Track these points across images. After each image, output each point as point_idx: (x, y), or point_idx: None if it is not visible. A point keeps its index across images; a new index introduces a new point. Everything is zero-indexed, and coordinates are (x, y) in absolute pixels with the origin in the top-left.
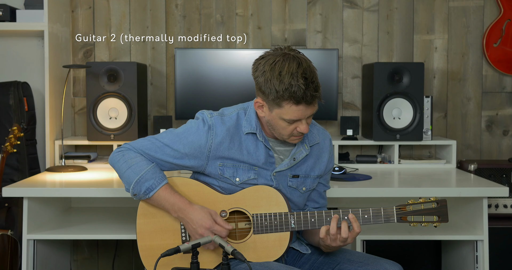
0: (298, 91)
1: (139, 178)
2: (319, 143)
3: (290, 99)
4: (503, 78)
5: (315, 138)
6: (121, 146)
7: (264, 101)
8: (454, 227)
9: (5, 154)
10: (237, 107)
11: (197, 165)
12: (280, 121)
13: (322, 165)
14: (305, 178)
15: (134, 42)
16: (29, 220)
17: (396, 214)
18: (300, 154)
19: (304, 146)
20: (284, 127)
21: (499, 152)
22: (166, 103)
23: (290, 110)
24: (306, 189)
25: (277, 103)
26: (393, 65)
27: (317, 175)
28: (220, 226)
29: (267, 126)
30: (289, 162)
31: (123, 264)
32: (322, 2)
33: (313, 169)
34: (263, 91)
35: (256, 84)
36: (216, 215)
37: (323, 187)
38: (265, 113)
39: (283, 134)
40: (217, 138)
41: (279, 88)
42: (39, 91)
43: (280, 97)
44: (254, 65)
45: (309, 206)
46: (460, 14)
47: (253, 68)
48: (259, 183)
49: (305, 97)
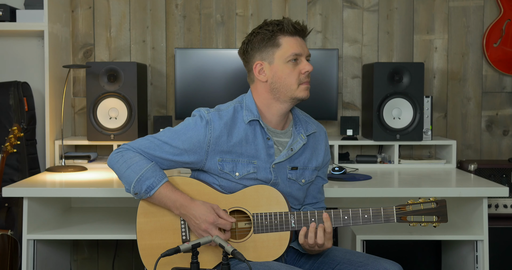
0: (288, 22)
1: (140, 177)
2: (315, 133)
3: (284, 32)
4: (503, 78)
5: (312, 127)
6: (119, 147)
7: (262, 58)
8: (454, 227)
9: (5, 154)
10: (232, 102)
11: (196, 161)
12: (284, 66)
13: (319, 156)
14: (303, 170)
15: (134, 42)
16: (29, 220)
17: (396, 214)
18: (297, 144)
19: (301, 136)
20: (290, 72)
21: (499, 152)
22: (166, 103)
23: (288, 43)
24: (305, 181)
25: (274, 44)
26: (393, 65)
27: (315, 167)
28: (223, 220)
29: (271, 92)
30: (287, 153)
31: (123, 264)
32: (322, 2)
33: (311, 161)
34: (258, 46)
35: (248, 53)
36: (218, 209)
37: (321, 180)
38: (267, 71)
39: (291, 83)
40: (216, 132)
41: (271, 27)
42: (39, 91)
43: (275, 33)
44: (241, 48)
45: (307, 201)
46: (460, 14)
47: (242, 48)
48: (258, 177)
49: (297, 25)
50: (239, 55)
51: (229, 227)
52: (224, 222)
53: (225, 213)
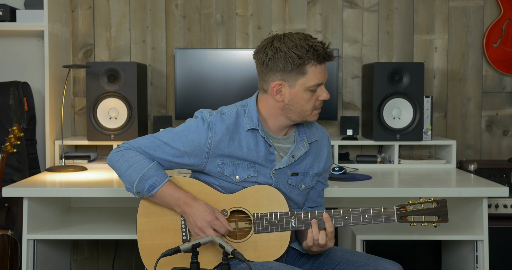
0: (319, 48)
1: (142, 176)
2: (317, 140)
3: (314, 59)
4: (503, 78)
5: (314, 136)
6: (120, 146)
7: (283, 79)
8: (454, 227)
9: (5, 154)
10: (235, 105)
11: (196, 164)
12: (304, 93)
13: (321, 163)
14: (304, 176)
15: (134, 42)
16: (29, 220)
17: (396, 214)
18: (299, 152)
19: (303, 144)
20: (308, 100)
21: (499, 152)
22: (166, 103)
23: (314, 73)
24: (305, 187)
25: (300, 71)
26: (393, 65)
27: (316, 173)
28: (220, 222)
29: (283, 111)
30: (288, 160)
31: (123, 264)
32: (322, 2)
33: (312, 167)
34: (282, 67)
35: (268, 67)
36: (219, 214)
37: (321, 185)
38: (285, 94)
39: (307, 109)
40: (217, 136)
41: (301, 52)
42: (39, 91)
43: (304, 61)
44: (258, 54)
45: (306, 205)
46: (460, 14)
47: (259, 57)
48: (259, 181)
49: (326, 54)
50: (255, 60)
51: (224, 231)
52: (220, 224)
53: (225, 219)
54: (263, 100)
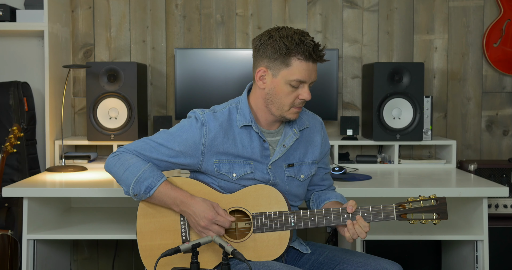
0: (309, 46)
1: (138, 178)
2: (308, 127)
3: (300, 54)
4: (503, 78)
5: (304, 123)
6: (116, 151)
7: (268, 67)
8: (454, 227)
9: (5, 154)
10: (227, 103)
11: (193, 163)
12: (285, 86)
13: (315, 150)
14: (300, 165)
15: (134, 42)
16: (29, 220)
17: (395, 212)
18: (290, 140)
19: (294, 131)
20: (287, 94)
21: (499, 152)
22: (166, 103)
23: (298, 68)
24: (304, 177)
25: (285, 62)
26: (393, 65)
27: (311, 161)
28: (222, 217)
29: (265, 101)
30: (280, 150)
31: (123, 264)
32: (322, 2)
33: (306, 155)
34: (270, 54)
35: (259, 52)
36: (218, 207)
37: (323, 170)
38: (267, 82)
39: (284, 104)
40: (211, 134)
41: (290, 43)
42: (39, 91)
43: (291, 52)
44: (254, 40)
45: (316, 189)
46: (460, 14)
47: (255, 41)
48: (256, 178)
49: (315, 52)
50: (252, 45)
51: (228, 225)
52: (223, 219)
53: (225, 212)
54: (252, 92)
